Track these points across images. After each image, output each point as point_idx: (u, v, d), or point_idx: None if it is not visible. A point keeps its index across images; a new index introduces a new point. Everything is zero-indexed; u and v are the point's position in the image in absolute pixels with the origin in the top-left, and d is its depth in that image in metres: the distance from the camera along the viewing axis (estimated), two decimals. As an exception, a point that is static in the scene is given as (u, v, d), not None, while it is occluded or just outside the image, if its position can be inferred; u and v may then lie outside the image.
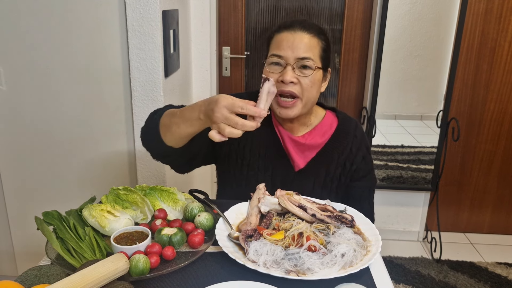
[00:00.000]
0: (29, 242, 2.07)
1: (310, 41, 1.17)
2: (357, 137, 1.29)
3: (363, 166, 1.29)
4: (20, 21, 1.74)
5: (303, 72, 1.16)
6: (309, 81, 1.16)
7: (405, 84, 2.51)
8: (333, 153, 1.28)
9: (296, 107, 1.18)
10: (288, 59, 1.15)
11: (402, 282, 2.29)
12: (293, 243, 0.96)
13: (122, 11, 1.71)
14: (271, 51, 1.20)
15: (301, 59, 1.15)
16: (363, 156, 1.29)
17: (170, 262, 0.94)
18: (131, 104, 1.82)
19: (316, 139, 1.28)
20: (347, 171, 1.29)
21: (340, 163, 1.28)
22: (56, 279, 0.84)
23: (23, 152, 1.92)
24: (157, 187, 1.17)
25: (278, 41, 1.18)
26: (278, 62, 1.17)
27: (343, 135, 1.29)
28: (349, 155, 1.28)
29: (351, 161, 1.28)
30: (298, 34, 1.17)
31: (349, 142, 1.28)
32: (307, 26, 1.18)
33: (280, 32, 1.19)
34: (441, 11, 2.36)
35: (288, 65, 1.15)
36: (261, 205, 1.09)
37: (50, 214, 1.03)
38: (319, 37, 1.19)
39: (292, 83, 1.15)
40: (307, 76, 1.16)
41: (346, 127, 1.30)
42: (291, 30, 1.18)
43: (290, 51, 1.15)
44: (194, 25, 2.30)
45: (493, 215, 2.78)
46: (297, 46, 1.15)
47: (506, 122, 2.56)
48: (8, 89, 1.84)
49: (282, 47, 1.16)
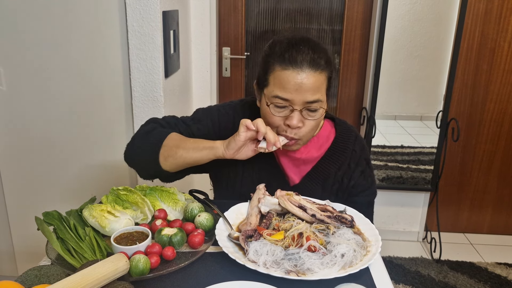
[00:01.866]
0: (29, 242, 2.07)
1: (318, 80, 1.04)
2: (356, 151, 1.22)
3: (361, 181, 1.22)
4: (20, 21, 1.74)
5: (310, 115, 1.07)
6: (314, 122, 1.08)
7: (405, 85, 2.51)
8: (329, 168, 1.21)
9: (298, 144, 1.13)
10: (295, 103, 1.04)
11: (402, 282, 2.29)
12: (293, 243, 0.96)
13: (122, 11, 1.71)
14: (274, 90, 1.06)
15: (309, 103, 1.04)
16: (362, 171, 1.22)
17: (170, 262, 0.94)
18: (131, 105, 1.82)
19: (312, 153, 1.21)
20: (344, 187, 1.22)
21: (337, 179, 1.21)
22: (56, 279, 0.84)
23: (23, 152, 1.92)
24: (157, 187, 1.17)
25: (283, 80, 1.03)
26: (283, 105, 1.06)
27: (341, 149, 1.21)
28: (347, 170, 1.21)
29: (349, 177, 1.21)
30: (306, 74, 1.02)
31: (347, 157, 1.21)
32: (315, 62, 1.03)
33: (285, 68, 1.03)
34: (441, 11, 2.36)
35: (295, 110, 1.05)
36: (261, 205, 1.09)
37: (50, 214, 1.03)
38: (327, 69, 1.06)
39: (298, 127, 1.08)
40: (314, 119, 1.08)
41: (345, 140, 1.22)
42: (298, 70, 1.02)
43: (297, 94, 1.03)
44: (194, 26, 2.30)
45: (493, 215, 2.78)
46: (305, 89, 1.02)
47: (506, 122, 2.56)
48: (8, 89, 1.84)
49: (289, 89, 1.03)
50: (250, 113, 1.23)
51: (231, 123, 1.23)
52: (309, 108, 1.06)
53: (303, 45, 1.05)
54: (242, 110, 1.25)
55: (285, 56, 1.04)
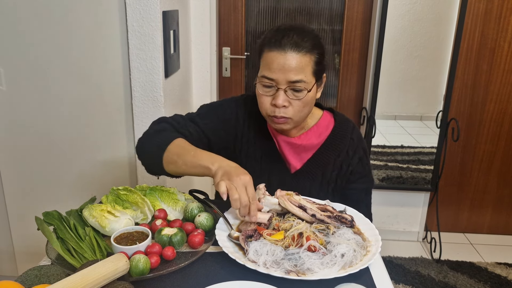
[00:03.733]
0: (29, 242, 2.07)
1: (301, 61, 1.10)
2: (354, 139, 1.27)
3: (359, 168, 1.28)
4: (20, 21, 1.74)
5: (295, 95, 1.13)
6: (301, 102, 1.14)
7: (405, 85, 2.51)
8: (329, 155, 1.26)
9: (288, 124, 1.18)
10: (280, 82, 1.11)
11: (402, 282, 2.29)
12: (293, 243, 0.97)
13: (122, 11, 1.71)
14: (261, 71, 1.15)
15: (292, 82, 1.11)
16: (360, 158, 1.27)
17: (170, 262, 0.94)
18: (131, 105, 1.82)
19: (312, 140, 1.26)
20: (343, 173, 1.27)
21: (337, 165, 1.27)
22: (56, 279, 0.84)
23: (23, 152, 1.93)
24: (157, 187, 1.18)
25: (269, 61, 1.12)
26: (269, 85, 1.13)
27: (340, 137, 1.27)
28: (345, 157, 1.26)
29: (348, 164, 1.27)
30: (289, 54, 1.09)
31: (346, 144, 1.27)
32: (298, 44, 1.10)
33: (270, 50, 1.12)
34: (441, 11, 2.36)
35: (280, 89, 1.12)
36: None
37: (50, 214, 1.03)
38: (312, 52, 1.12)
39: (284, 106, 1.13)
40: (299, 99, 1.13)
41: (343, 129, 1.28)
42: (281, 50, 1.10)
43: (281, 74, 1.10)
44: (194, 26, 2.30)
45: (493, 215, 2.78)
46: (288, 69, 1.10)
47: (505, 122, 2.56)
48: (8, 89, 1.84)
49: (273, 69, 1.11)
50: (251, 106, 1.28)
51: (234, 116, 1.28)
52: (294, 88, 1.12)
53: (289, 30, 1.13)
54: (244, 103, 1.30)
55: (271, 40, 1.13)
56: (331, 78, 2.56)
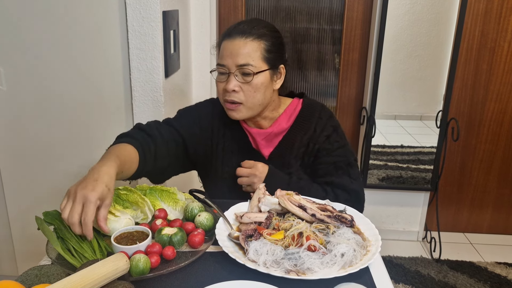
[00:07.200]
0: (29, 242, 2.07)
1: (249, 46, 1.19)
2: (322, 118, 1.32)
3: (326, 145, 1.31)
4: (20, 21, 1.74)
5: (244, 79, 1.20)
6: (251, 87, 1.20)
7: (405, 84, 2.51)
8: (297, 134, 1.32)
9: (240, 111, 1.24)
10: (230, 67, 1.20)
11: (402, 282, 2.29)
12: (293, 243, 0.97)
13: (122, 11, 1.71)
14: (217, 59, 1.25)
15: (240, 66, 1.19)
16: (327, 136, 1.31)
17: (170, 262, 0.94)
18: (132, 105, 1.82)
19: (282, 125, 1.32)
20: (310, 150, 1.31)
21: (304, 142, 1.31)
22: (57, 279, 0.84)
23: (23, 152, 1.92)
24: (157, 187, 1.18)
25: (221, 50, 1.23)
26: (222, 71, 1.22)
27: (307, 117, 1.33)
28: (312, 135, 1.31)
29: (314, 141, 1.31)
30: (237, 41, 1.19)
31: (313, 123, 1.32)
32: (246, 31, 1.20)
33: (223, 41, 1.23)
34: (440, 11, 2.36)
35: (231, 73, 1.20)
36: (261, 205, 1.10)
37: (50, 214, 1.03)
38: (261, 39, 1.21)
39: (234, 91, 1.20)
40: (248, 83, 1.20)
41: (311, 109, 1.34)
42: (230, 38, 1.21)
43: (230, 59, 1.19)
44: (194, 26, 2.30)
45: (493, 215, 2.78)
46: (235, 54, 1.19)
47: (505, 122, 2.56)
48: (8, 89, 1.84)
49: (224, 56, 1.21)
50: None
51: (210, 113, 1.37)
52: (242, 71, 1.19)
53: (242, 22, 1.25)
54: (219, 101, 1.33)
55: (225, 33, 1.24)
56: (331, 78, 2.56)
